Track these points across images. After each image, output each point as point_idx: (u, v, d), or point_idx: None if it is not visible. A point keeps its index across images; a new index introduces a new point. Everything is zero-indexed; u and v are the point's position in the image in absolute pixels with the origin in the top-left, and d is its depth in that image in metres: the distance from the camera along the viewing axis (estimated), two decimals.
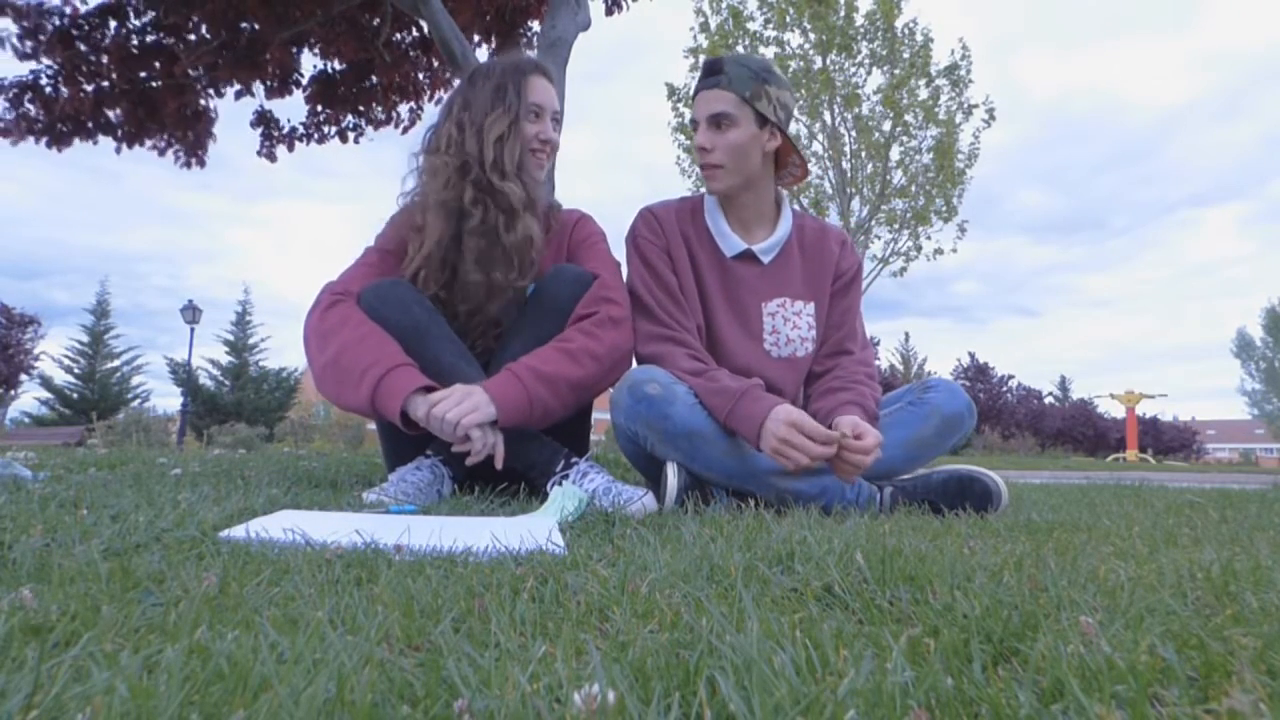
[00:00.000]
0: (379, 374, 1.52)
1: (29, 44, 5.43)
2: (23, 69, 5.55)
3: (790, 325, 1.79)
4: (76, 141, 5.87)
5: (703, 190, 1.89)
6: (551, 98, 1.80)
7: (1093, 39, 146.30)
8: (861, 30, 12.53)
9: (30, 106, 5.58)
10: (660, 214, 1.82)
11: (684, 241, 1.79)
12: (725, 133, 1.70)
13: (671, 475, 1.53)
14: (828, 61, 12.59)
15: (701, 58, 12.63)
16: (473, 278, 1.69)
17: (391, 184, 1.84)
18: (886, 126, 12.82)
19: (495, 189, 1.69)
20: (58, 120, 5.62)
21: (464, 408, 1.48)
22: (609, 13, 5.78)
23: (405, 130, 6.62)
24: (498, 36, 5.91)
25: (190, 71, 5.64)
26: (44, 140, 5.76)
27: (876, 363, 1.89)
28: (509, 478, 1.62)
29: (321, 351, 1.60)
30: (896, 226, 13.07)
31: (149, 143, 6.23)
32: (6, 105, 5.58)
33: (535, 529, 1.08)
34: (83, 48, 5.45)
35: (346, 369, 1.55)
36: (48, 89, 5.58)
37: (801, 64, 12.62)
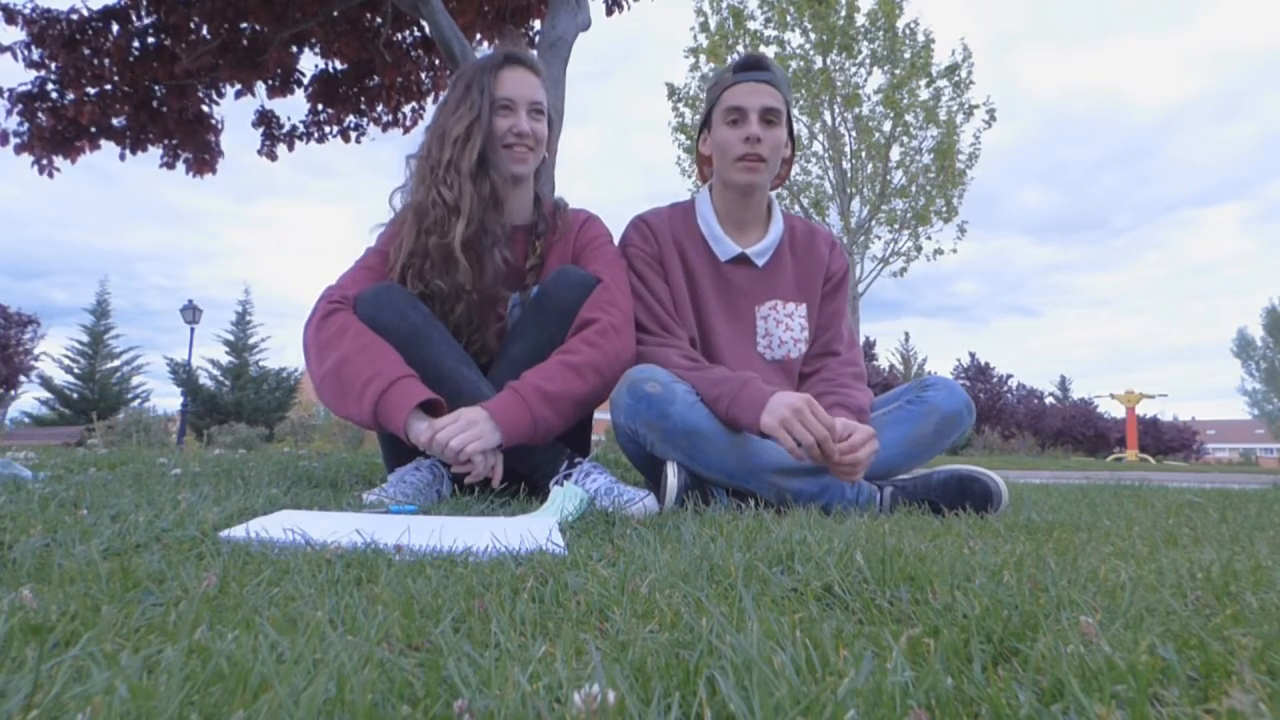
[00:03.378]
0: (380, 388, 1.51)
1: (37, 51, 5.44)
2: (27, 76, 5.56)
3: (782, 327, 1.81)
4: (84, 149, 5.87)
5: (693, 195, 1.91)
6: (526, 88, 1.75)
7: (1093, 38, 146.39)
8: (862, 30, 12.53)
9: (42, 116, 5.58)
10: (652, 222, 1.84)
11: (676, 247, 1.81)
12: (773, 129, 1.73)
13: (672, 475, 1.53)
14: (828, 61, 12.59)
15: (702, 58, 12.64)
16: (436, 282, 1.69)
17: (389, 183, 1.84)
18: (887, 127, 12.82)
19: (444, 190, 1.69)
20: (65, 128, 5.62)
21: (468, 435, 1.47)
22: (609, 13, 5.79)
23: (409, 131, 6.64)
24: (499, 36, 5.91)
25: (191, 73, 5.64)
26: (57, 154, 5.76)
27: (875, 363, 1.91)
28: (509, 478, 1.61)
29: (320, 362, 1.59)
30: (896, 226, 13.07)
31: (157, 153, 6.23)
32: (20, 119, 5.58)
33: (535, 529, 1.08)
34: (85, 51, 5.45)
35: (347, 381, 1.54)
36: (53, 94, 5.58)
37: (802, 64, 12.62)
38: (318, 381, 1.61)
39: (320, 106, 6.48)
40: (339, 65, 6.30)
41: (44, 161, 5.80)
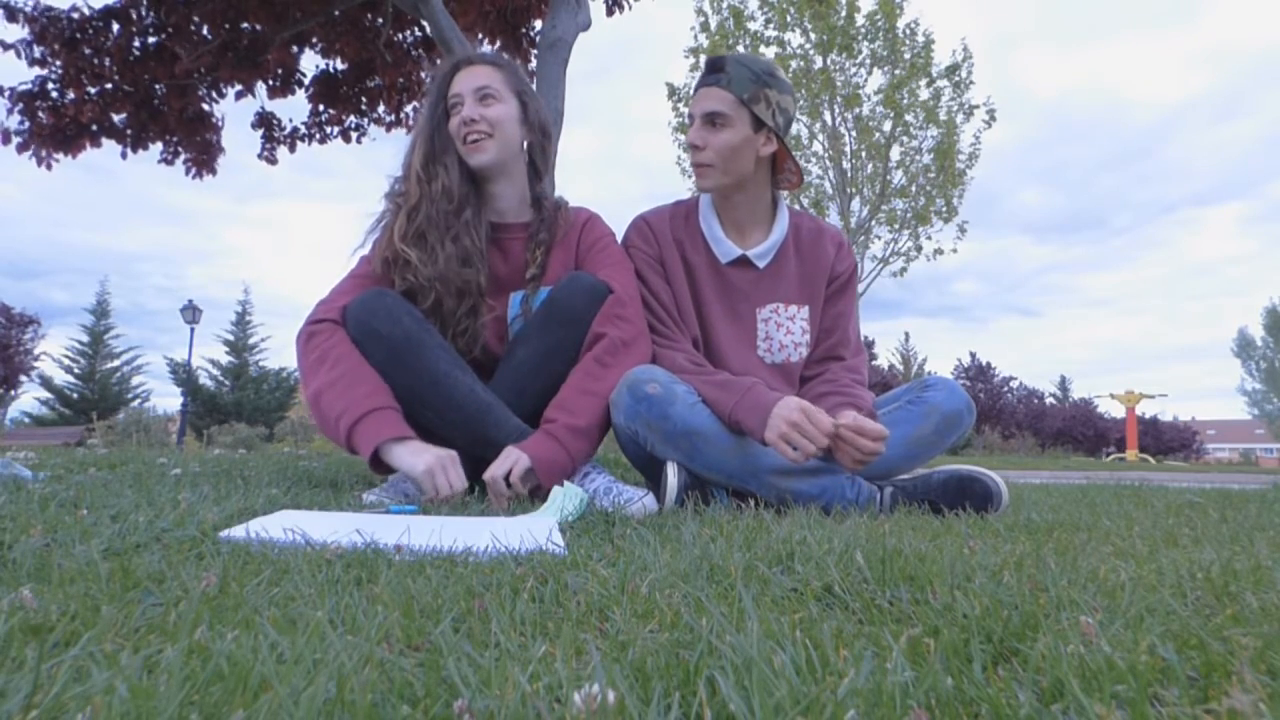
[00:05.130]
0: (348, 425, 1.54)
1: (39, 50, 5.44)
2: (28, 75, 5.56)
3: (783, 331, 1.79)
4: (85, 146, 5.87)
5: (697, 194, 1.89)
6: (472, 79, 1.77)
7: (1093, 37, 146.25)
8: (862, 30, 12.54)
9: (42, 115, 5.59)
10: (653, 222, 1.82)
11: (677, 247, 1.79)
12: (718, 132, 1.69)
13: (672, 475, 1.53)
14: (828, 61, 12.60)
15: (702, 57, 12.65)
16: (408, 277, 1.70)
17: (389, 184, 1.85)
18: (887, 127, 12.83)
19: (399, 199, 1.75)
20: (66, 126, 5.62)
21: (507, 463, 1.51)
22: (609, 13, 5.79)
23: (411, 130, 6.62)
24: (500, 36, 5.91)
25: (192, 73, 5.64)
26: (58, 151, 5.77)
27: (875, 363, 1.90)
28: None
29: (306, 388, 1.65)
30: (896, 226, 13.09)
31: (158, 151, 6.23)
32: (20, 118, 5.59)
33: (535, 529, 1.08)
34: (86, 51, 5.46)
35: (325, 414, 1.59)
36: (54, 93, 5.58)
37: (802, 64, 12.64)
38: (308, 404, 1.68)
39: (321, 107, 6.48)
40: (339, 65, 6.30)
41: (42, 154, 5.80)
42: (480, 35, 5.88)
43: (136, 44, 5.55)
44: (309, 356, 1.64)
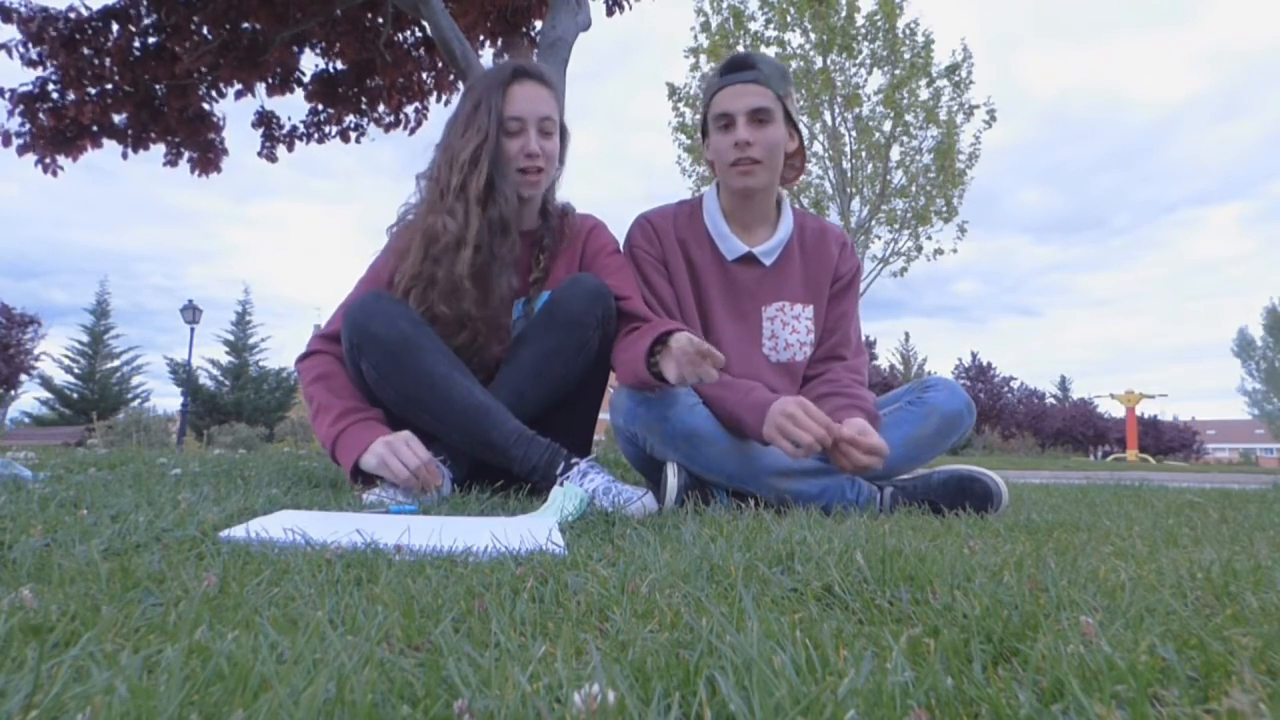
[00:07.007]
0: (330, 454, 1.64)
1: (35, 50, 5.43)
2: (27, 76, 5.56)
3: (789, 330, 1.79)
4: (86, 148, 5.87)
5: (700, 192, 1.88)
6: (535, 103, 1.71)
7: (1093, 37, 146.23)
8: (862, 31, 12.54)
9: (43, 117, 5.58)
10: (656, 222, 1.81)
11: (680, 246, 1.78)
12: (764, 128, 1.68)
13: (671, 475, 1.53)
14: (828, 62, 12.59)
15: (702, 58, 12.65)
16: (441, 309, 1.67)
17: (388, 183, 1.87)
18: (887, 127, 12.82)
19: (448, 219, 1.68)
20: (66, 127, 5.62)
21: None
22: (609, 13, 5.79)
23: (412, 131, 6.61)
24: (500, 36, 5.91)
25: (192, 73, 5.63)
26: (60, 154, 5.77)
27: (876, 363, 1.90)
28: (509, 478, 1.61)
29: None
30: (896, 226, 13.07)
31: (159, 151, 6.23)
32: (21, 119, 5.58)
33: (535, 529, 1.08)
34: (86, 51, 5.45)
35: (322, 442, 1.68)
36: (54, 94, 5.58)
37: (802, 64, 12.63)
38: None
39: (320, 106, 6.48)
40: (339, 65, 6.30)
41: (47, 160, 5.80)
42: (480, 35, 5.88)
43: (136, 44, 5.54)
44: (303, 385, 1.74)
